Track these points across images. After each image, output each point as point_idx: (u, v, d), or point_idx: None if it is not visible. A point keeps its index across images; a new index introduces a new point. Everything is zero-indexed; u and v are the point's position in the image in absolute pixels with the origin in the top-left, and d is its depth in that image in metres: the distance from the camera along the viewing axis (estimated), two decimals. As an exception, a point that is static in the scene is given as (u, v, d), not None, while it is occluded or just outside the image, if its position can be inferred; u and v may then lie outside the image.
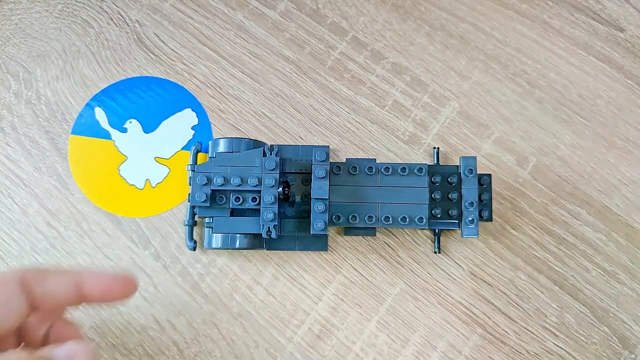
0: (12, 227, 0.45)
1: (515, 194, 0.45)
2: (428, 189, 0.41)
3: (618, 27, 0.48)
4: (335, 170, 0.42)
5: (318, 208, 0.39)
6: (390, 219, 0.41)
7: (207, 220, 0.42)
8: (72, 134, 0.47)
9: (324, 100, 0.47)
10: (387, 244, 0.44)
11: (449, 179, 0.43)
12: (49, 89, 0.48)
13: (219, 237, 0.42)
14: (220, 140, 0.43)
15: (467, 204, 0.41)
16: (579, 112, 0.46)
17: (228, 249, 0.43)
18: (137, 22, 0.49)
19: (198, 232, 0.45)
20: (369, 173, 0.42)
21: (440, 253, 0.44)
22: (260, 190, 0.41)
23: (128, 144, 0.47)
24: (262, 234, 0.40)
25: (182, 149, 0.47)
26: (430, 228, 0.43)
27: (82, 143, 0.47)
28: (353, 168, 0.42)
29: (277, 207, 0.40)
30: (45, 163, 0.46)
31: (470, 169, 0.42)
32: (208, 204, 0.40)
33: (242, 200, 0.41)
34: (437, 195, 0.42)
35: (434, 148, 0.45)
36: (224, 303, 0.44)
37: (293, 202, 0.43)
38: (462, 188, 0.42)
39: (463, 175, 0.42)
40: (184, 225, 0.44)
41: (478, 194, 0.42)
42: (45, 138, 0.47)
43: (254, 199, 0.41)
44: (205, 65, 0.48)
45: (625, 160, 0.45)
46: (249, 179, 0.40)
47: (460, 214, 0.42)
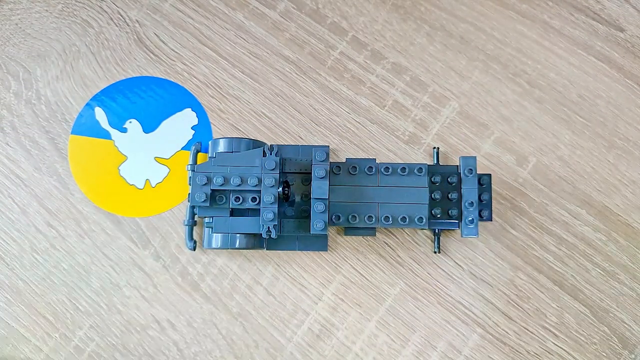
0: (12, 227, 0.45)
1: (515, 194, 0.45)
2: (428, 189, 0.41)
3: (618, 27, 0.48)
4: (335, 170, 0.42)
5: (318, 208, 0.39)
6: (390, 219, 0.41)
7: (207, 220, 0.42)
8: (72, 134, 0.47)
9: (324, 100, 0.47)
10: (387, 244, 0.44)
11: (449, 179, 0.43)
12: (49, 89, 0.48)
13: (219, 237, 0.42)
14: (220, 140, 0.43)
15: (467, 204, 0.41)
16: (579, 112, 0.46)
17: (228, 249, 0.43)
18: (137, 22, 0.49)
19: (198, 232, 0.45)
20: (369, 173, 0.42)
21: (440, 253, 0.44)
22: (260, 190, 0.41)
23: (128, 144, 0.47)
24: (262, 234, 0.40)
25: (182, 149, 0.47)
26: (430, 228, 0.43)
27: (82, 143, 0.47)
28: (353, 168, 0.42)
29: (277, 207, 0.40)
30: (45, 163, 0.46)
31: (470, 169, 0.42)
32: (208, 204, 0.41)
33: (242, 200, 0.41)
34: (437, 195, 0.42)
35: (434, 148, 0.45)
36: (224, 303, 0.44)
37: (293, 202, 0.43)
38: (462, 188, 0.42)
39: (463, 175, 0.42)
40: (184, 225, 0.44)
41: (478, 194, 0.42)
42: (45, 138, 0.47)
43: (254, 199, 0.41)
44: (205, 65, 0.48)
45: (625, 160, 0.45)
46: (249, 179, 0.40)
47: (460, 214, 0.42)
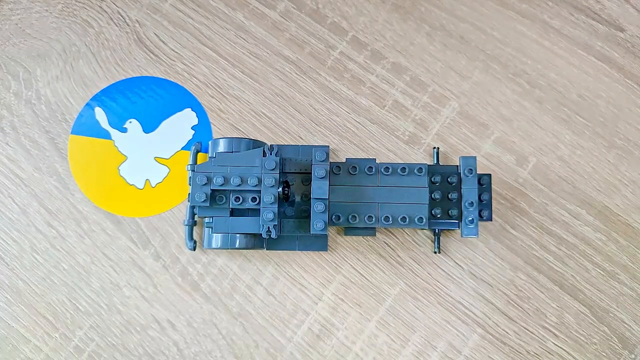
0: (12, 227, 0.45)
1: (515, 194, 0.45)
2: (428, 189, 0.41)
3: (618, 27, 0.48)
4: (335, 170, 0.42)
5: (318, 208, 0.39)
6: (390, 219, 0.41)
7: (207, 220, 0.42)
8: (72, 134, 0.47)
9: (324, 100, 0.47)
10: (387, 244, 0.44)
11: (449, 179, 0.43)
12: (49, 89, 0.48)
13: (219, 237, 0.42)
14: (220, 140, 0.43)
15: (467, 204, 0.41)
16: (579, 112, 0.46)
17: (228, 249, 0.43)
18: (137, 22, 0.49)
19: (198, 232, 0.45)
20: (369, 173, 0.42)
21: (440, 253, 0.44)
22: (260, 190, 0.41)
23: (128, 144, 0.47)
24: (262, 234, 0.40)
25: (182, 149, 0.47)
26: (430, 228, 0.43)
27: (82, 143, 0.47)
28: (353, 168, 0.42)
29: (277, 207, 0.40)
30: (45, 163, 0.46)
31: (470, 169, 0.42)
32: (208, 204, 0.41)
33: (242, 200, 0.41)
34: (437, 195, 0.42)
35: (434, 148, 0.45)
36: (224, 303, 0.44)
37: (293, 202, 0.43)
38: (462, 188, 0.42)
39: (463, 175, 0.42)
40: (184, 225, 0.44)
41: (478, 194, 0.42)
42: (45, 138, 0.47)
43: (254, 199, 0.41)
44: (205, 65, 0.48)
45: (625, 160, 0.45)
46: (249, 179, 0.40)
47: (460, 214, 0.42)
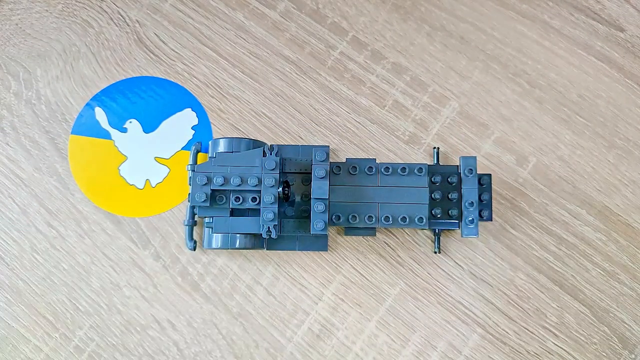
0: (12, 227, 0.45)
1: (515, 194, 0.45)
2: (428, 189, 0.41)
3: (618, 27, 0.48)
4: (335, 170, 0.42)
5: (318, 208, 0.39)
6: (390, 219, 0.41)
7: (207, 220, 0.42)
8: (72, 134, 0.47)
9: (324, 100, 0.47)
10: (387, 244, 0.44)
11: (449, 179, 0.43)
12: (49, 89, 0.48)
13: (219, 237, 0.42)
14: (220, 140, 0.43)
15: (467, 204, 0.41)
16: (579, 112, 0.46)
17: (228, 249, 0.43)
18: (137, 22, 0.49)
19: (198, 232, 0.45)
20: (369, 173, 0.42)
21: (440, 253, 0.44)
22: (260, 190, 0.41)
23: (128, 144, 0.47)
24: (262, 234, 0.40)
25: (182, 149, 0.47)
26: (430, 228, 0.43)
27: (82, 143, 0.47)
28: (353, 168, 0.42)
29: (277, 207, 0.40)
30: (45, 163, 0.46)
31: (470, 169, 0.42)
32: (208, 204, 0.41)
33: (242, 200, 0.41)
34: (437, 195, 0.42)
35: (434, 148, 0.45)
36: (224, 303, 0.44)
37: (293, 202, 0.43)
38: (462, 188, 0.42)
39: (463, 175, 0.42)
40: (184, 225, 0.44)
41: (478, 194, 0.42)
42: (45, 138, 0.47)
43: (254, 199, 0.41)
44: (205, 65, 0.48)
45: (625, 160, 0.45)
46: (249, 179, 0.40)
47: (460, 214, 0.42)
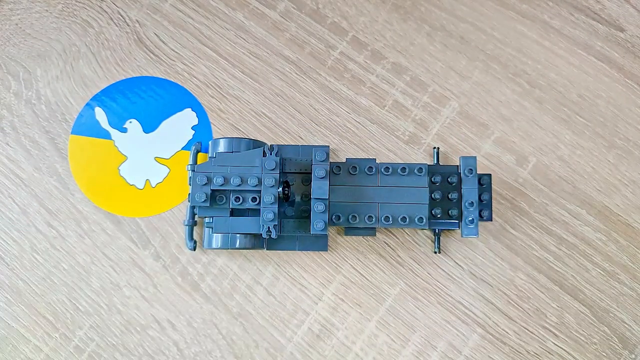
0: (12, 227, 0.45)
1: (515, 194, 0.45)
2: (428, 189, 0.41)
3: (618, 27, 0.48)
4: (335, 170, 0.42)
5: (318, 208, 0.39)
6: (390, 219, 0.41)
7: (207, 220, 0.42)
8: (72, 134, 0.47)
9: (324, 100, 0.47)
10: (387, 244, 0.44)
11: (449, 179, 0.43)
12: (49, 89, 0.48)
13: (219, 237, 0.42)
14: (220, 140, 0.43)
15: (467, 204, 0.41)
16: (579, 112, 0.46)
17: (228, 249, 0.43)
18: (137, 22, 0.49)
19: (198, 232, 0.45)
20: (369, 173, 0.42)
21: (440, 253, 0.44)
22: (260, 190, 0.41)
23: (128, 144, 0.47)
24: (262, 234, 0.40)
25: (182, 149, 0.47)
26: (430, 228, 0.43)
27: (82, 143, 0.47)
28: (353, 168, 0.42)
29: (277, 207, 0.40)
30: (45, 163, 0.46)
31: (470, 169, 0.42)
32: (208, 204, 0.40)
33: (242, 200, 0.41)
34: (437, 195, 0.42)
35: (434, 148, 0.45)
36: (224, 303, 0.44)
37: (293, 202, 0.43)
38: (462, 188, 0.42)
39: (463, 175, 0.42)
40: (184, 225, 0.44)
41: (478, 194, 0.42)
42: (45, 138, 0.47)
43: (254, 199, 0.41)
44: (205, 65, 0.48)
45: (625, 160, 0.45)
46: (249, 179, 0.40)
47: (460, 214, 0.42)
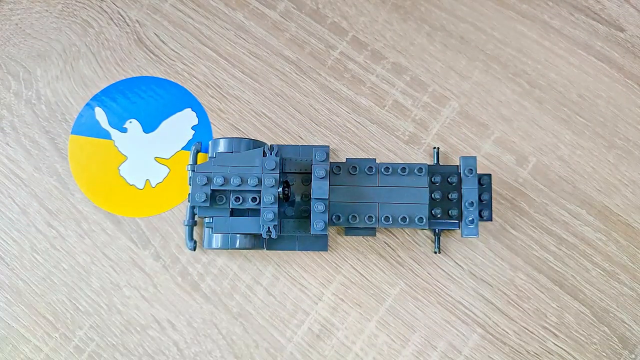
0: (12, 227, 0.45)
1: (515, 194, 0.45)
2: (428, 189, 0.41)
3: (618, 27, 0.48)
4: (335, 170, 0.42)
5: (318, 208, 0.39)
6: (390, 219, 0.41)
7: (207, 220, 0.42)
8: (72, 134, 0.47)
9: (324, 100, 0.47)
10: (387, 244, 0.44)
11: (449, 179, 0.43)
12: (49, 89, 0.48)
13: (219, 237, 0.42)
14: (220, 140, 0.43)
15: (467, 204, 0.41)
16: (579, 112, 0.46)
17: (228, 249, 0.43)
18: (137, 22, 0.49)
19: (198, 232, 0.45)
20: (369, 173, 0.42)
21: (440, 253, 0.44)
22: (260, 190, 0.41)
23: (128, 144, 0.47)
24: (262, 234, 0.40)
25: (182, 149, 0.47)
26: (430, 228, 0.43)
27: (82, 143, 0.47)
28: (353, 168, 0.42)
29: (277, 207, 0.40)
30: (45, 163, 0.46)
31: (470, 169, 0.42)
32: (208, 204, 0.40)
33: (242, 200, 0.41)
34: (437, 195, 0.42)
35: (434, 148, 0.45)
36: (224, 303, 0.44)
37: (293, 202, 0.43)
38: (462, 188, 0.42)
39: (463, 175, 0.42)
40: (184, 225, 0.44)
41: (478, 194, 0.42)
42: (45, 138, 0.47)
43: (254, 199, 0.41)
44: (205, 65, 0.48)
45: (625, 160, 0.45)
46: (249, 179, 0.40)
47: (460, 214, 0.42)
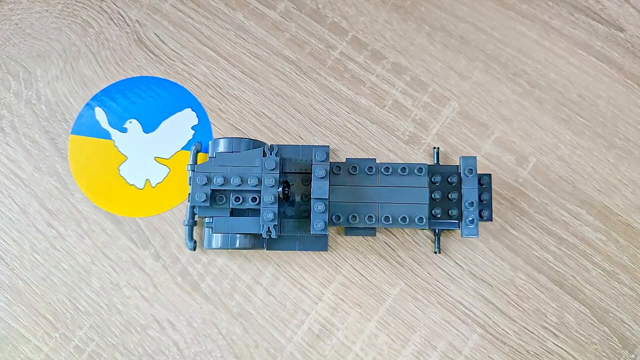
0: (12, 227, 0.45)
1: (515, 194, 0.45)
2: (428, 189, 0.41)
3: (618, 27, 0.48)
4: (335, 170, 0.42)
5: (318, 208, 0.39)
6: (390, 219, 0.41)
7: (207, 220, 0.42)
8: (72, 134, 0.47)
9: (324, 100, 0.47)
10: (387, 244, 0.44)
11: (449, 179, 0.43)
12: (49, 89, 0.48)
13: (219, 237, 0.42)
14: (220, 140, 0.43)
15: (467, 204, 0.41)
16: (579, 112, 0.46)
17: (228, 249, 0.43)
18: (137, 22, 0.49)
19: (198, 232, 0.45)
20: (369, 173, 0.42)
21: (440, 253, 0.44)
22: (260, 190, 0.41)
23: (128, 144, 0.47)
24: (262, 234, 0.40)
25: (182, 149, 0.47)
26: (431, 228, 0.43)
27: (82, 143, 0.47)
28: (353, 168, 0.42)
29: (277, 207, 0.40)
30: (45, 163, 0.46)
31: (470, 169, 0.42)
32: (208, 204, 0.40)
33: (242, 200, 0.41)
34: (437, 195, 0.42)
35: (434, 148, 0.45)
36: (224, 303, 0.44)
37: (293, 202, 0.43)
38: (462, 188, 0.42)
39: (463, 175, 0.42)
40: (184, 225, 0.44)
41: (478, 194, 0.42)
42: (45, 138, 0.47)
43: (254, 199, 0.41)
44: (205, 65, 0.48)
45: (625, 160, 0.45)
46: (249, 179, 0.40)
47: (460, 214, 0.42)
